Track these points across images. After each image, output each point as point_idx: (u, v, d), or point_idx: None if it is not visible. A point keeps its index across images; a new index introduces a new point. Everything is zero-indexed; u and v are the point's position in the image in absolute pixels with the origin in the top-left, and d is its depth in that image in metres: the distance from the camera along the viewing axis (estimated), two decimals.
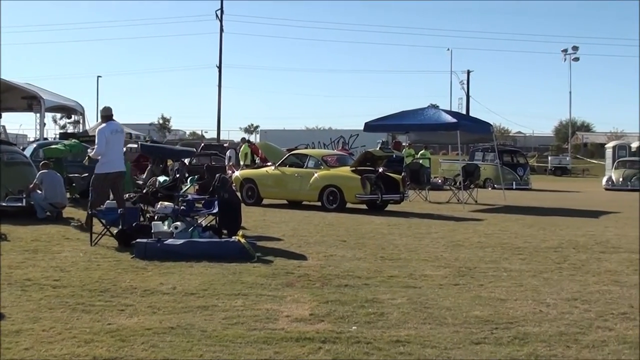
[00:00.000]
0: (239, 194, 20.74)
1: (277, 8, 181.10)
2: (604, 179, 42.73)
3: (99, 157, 14.72)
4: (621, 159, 45.74)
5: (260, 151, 32.00)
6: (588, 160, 77.82)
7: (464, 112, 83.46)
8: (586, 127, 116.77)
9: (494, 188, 36.04)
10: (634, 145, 54.96)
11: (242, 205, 16.49)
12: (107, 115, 15.01)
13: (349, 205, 21.20)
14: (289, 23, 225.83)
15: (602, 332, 7.26)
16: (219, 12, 76.04)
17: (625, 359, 6.41)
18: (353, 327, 7.18)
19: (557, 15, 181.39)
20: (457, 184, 26.65)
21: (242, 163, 32.65)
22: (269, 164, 24.94)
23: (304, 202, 22.33)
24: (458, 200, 25.10)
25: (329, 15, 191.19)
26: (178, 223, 12.63)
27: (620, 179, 40.64)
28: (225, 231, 13.41)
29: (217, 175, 14.70)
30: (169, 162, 24.69)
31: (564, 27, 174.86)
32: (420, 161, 31.83)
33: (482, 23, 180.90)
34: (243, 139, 38.86)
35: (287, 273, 10.17)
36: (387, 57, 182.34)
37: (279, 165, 22.84)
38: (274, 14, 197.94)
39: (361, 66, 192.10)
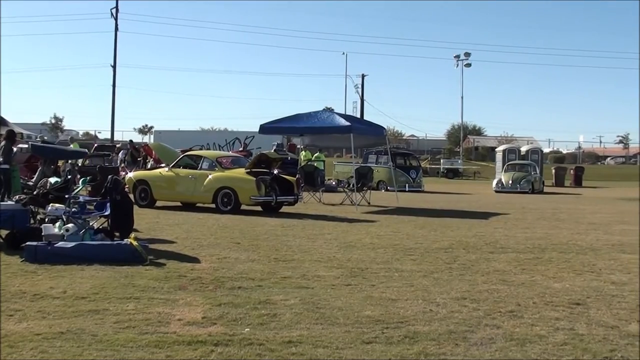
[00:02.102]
0: (131, 195, 20.48)
1: (173, 8, 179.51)
2: (494, 182, 43.68)
3: None
4: (511, 162, 46.85)
5: (153, 152, 31.63)
6: (476, 165, 79.51)
7: (358, 115, 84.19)
8: (477, 131, 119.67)
9: (387, 190, 36.46)
10: (524, 149, 56.42)
11: (135, 207, 16.28)
12: None
13: (243, 207, 21.15)
14: (185, 23, 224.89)
15: (490, 329, 7.45)
16: (114, 11, 74.81)
17: (512, 355, 6.58)
18: (245, 329, 7.18)
19: (450, 21, 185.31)
20: (351, 186, 26.85)
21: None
22: (162, 165, 24.67)
23: (198, 204, 22.14)
24: (351, 202, 25.30)
25: (226, 16, 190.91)
26: (69, 225, 12.37)
27: (510, 182, 41.63)
28: (117, 233, 13.19)
29: (109, 176, 14.47)
30: (61, 163, 24.18)
31: (456, 34, 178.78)
32: (315, 163, 32.01)
33: (377, 28, 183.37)
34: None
35: (179, 276, 10.08)
36: (284, 60, 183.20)
37: (172, 166, 22.59)
38: (170, 14, 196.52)
39: (258, 68, 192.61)
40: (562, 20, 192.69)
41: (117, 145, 47.31)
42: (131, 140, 44.06)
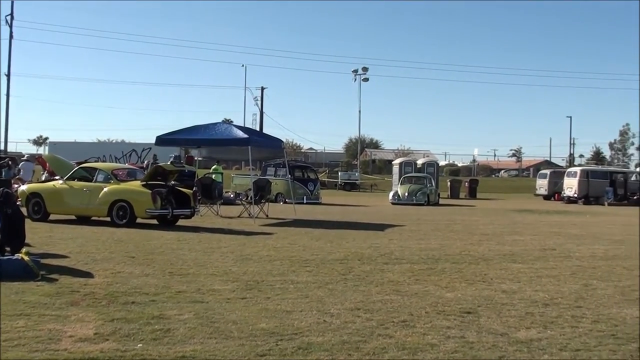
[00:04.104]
0: (24, 209, 20.01)
1: (70, 16, 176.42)
2: (391, 194, 44.21)
3: None
4: (407, 175, 47.54)
5: (47, 164, 31.01)
6: (373, 177, 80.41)
7: (258, 128, 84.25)
8: (375, 145, 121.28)
9: (285, 202, 36.54)
10: (420, 162, 57.30)
11: (28, 220, 15.91)
12: None
13: (139, 220, 20.91)
14: (82, 32, 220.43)
15: (383, 339, 7.55)
16: (9, 18, 72.87)
17: None
18: (138, 345, 7.10)
19: (348, 36, 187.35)
20: (249, 198, 26.82)
21: None
22: (56, 177, 24.18)
23: (93, 218, 21.77)
24: (249, 215, 25.25)
25: (123, 25, 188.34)
26: None
27: (406, 194, 42.20)
28: (8, 248, 12.86)
29: (0, 189, 14.11)
30: None
31: (355, 49, 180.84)
32: (213, 176, 31.85)
33: (277, 41, 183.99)
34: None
35: (72, 291, 9.90)
36: (182, 71, 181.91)
37: (67, 179, 22.16)
38: (67, 22, 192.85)
39: (156, 79, 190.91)
40: (457, 37, 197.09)
41: (23, 156, 45.99)
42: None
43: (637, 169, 64.22)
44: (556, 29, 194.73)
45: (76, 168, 23.48)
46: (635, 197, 48.11)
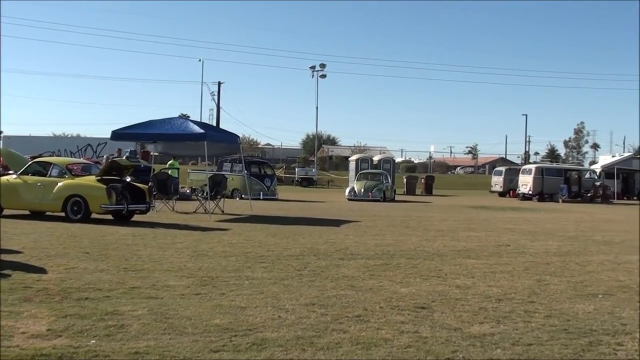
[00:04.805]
0: None
1: (22, 8, 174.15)
2: (347, 190, 44.29)
3: None
4: (363, 171, 47.69)
5: (0, 158, 30.63)
6: (330, 174, 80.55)
7: (214, 123, 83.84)
8: (332, 141, 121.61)
9: (241, 198, 36.45)
10: (376, 158, 57.60)
11: None
12: None
13: (94, 215, 20.73)
14: (36, 25, 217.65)
15: (337, 334, 7.59)
16: None
17: (358, 358, 6.73)
18: (92, 341, 7.04)
19: (305, 33, 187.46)
20: (204, 194, 26.70)
21: None
22: (10, 172, 23.89)
23: (47, 213, 21.55)
24: (205, 211, 25.19)
25: (79, 18, 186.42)
26: None
27: (362, 190, 42.29)
28: None
29: None
30: None
31: (312, 45, 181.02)
32: (169, 171, 31.67)
33: (234, 36, 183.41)
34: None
35: (25, 287, 9.79)
36: (138, 65, 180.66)
37: (21, 173, 21.90)
38: (23, 15, 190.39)
39: (112, 73, 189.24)
40: (414, 35, 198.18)
41: None
42: None
43: (591, 167, 65.08)
44: (511, 28, 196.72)
45: (30, 162, 23.22)
46: (589, 195, 48.71)
